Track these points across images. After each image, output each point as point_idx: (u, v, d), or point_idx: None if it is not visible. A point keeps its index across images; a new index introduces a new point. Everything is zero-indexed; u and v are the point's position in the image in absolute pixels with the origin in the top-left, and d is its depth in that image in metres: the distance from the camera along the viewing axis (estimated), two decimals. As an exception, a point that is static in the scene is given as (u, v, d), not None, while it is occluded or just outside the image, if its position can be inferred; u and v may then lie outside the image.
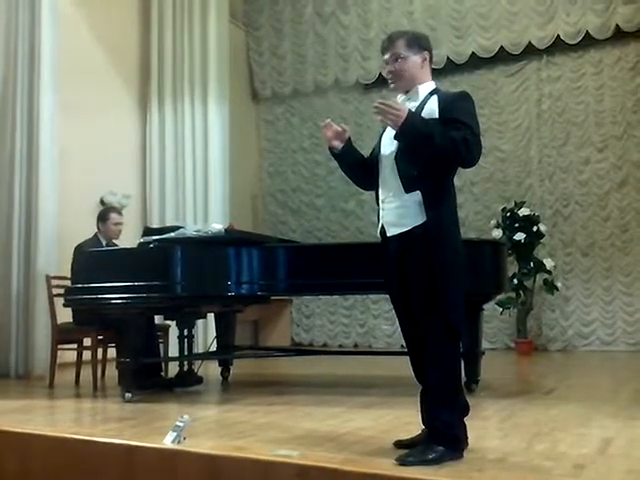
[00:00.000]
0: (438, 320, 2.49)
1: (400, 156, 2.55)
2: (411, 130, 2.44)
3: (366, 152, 2.84)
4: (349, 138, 2.74)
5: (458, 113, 2.50)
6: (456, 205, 2.62)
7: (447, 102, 2.55)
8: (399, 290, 2.62)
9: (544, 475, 2.27)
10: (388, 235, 2.61)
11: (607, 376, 5.48)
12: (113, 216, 5.08)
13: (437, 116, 2.52)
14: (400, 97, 2.71)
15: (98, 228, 5.07)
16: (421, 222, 2.51)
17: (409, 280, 2.55)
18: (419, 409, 2.65)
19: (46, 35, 5.62)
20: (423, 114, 2.54)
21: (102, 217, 5.08)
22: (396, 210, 2.57)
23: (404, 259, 2.56)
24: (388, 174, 2.60)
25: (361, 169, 2.78)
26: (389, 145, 2.62)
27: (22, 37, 5.62)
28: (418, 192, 2.51)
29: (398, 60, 2.63)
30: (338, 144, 2.72)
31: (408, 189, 2.53)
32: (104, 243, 5.01)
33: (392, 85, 2.68)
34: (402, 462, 2.36)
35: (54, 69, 5.67)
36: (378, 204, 2.69)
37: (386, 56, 2.67)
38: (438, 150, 2.45)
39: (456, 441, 2.49)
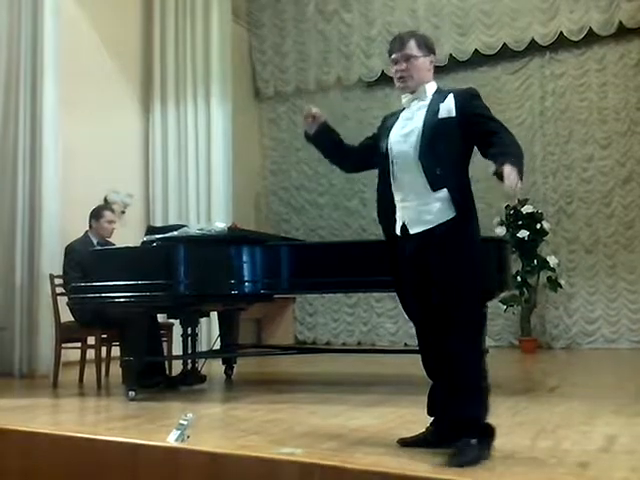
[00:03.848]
0: (468, 313, 2.51)
1: (424, 155, 2.56)
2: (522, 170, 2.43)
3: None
4: (324, 122, 2.82)
5: (479, 110, 2.59)
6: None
7: (464, 101, 2.60)
8: (417, 287, 2.60)
9: (548, 472, 2.26)
10: (411, 233, 2.59)
11: (611, 373, 5.47)
12: (107, 214, 5.08)
13: (454, 114, 2.57)
14: (405, 97, 2.72)
15: (90, 226, 5.06)
16: (447, 219, 2.52)
17: (433, 276, 2.53)
18: (427, 405, 2.68)
19: (48, 34, 5.63)
20: (441, 112, 2.58)
21: (96, 215, 5.07)
22: (420, 208, 2.57)
23: (427, 256, 2.54)
24: (409, 173, 2.59)
25: (339, 151, 2.89)
26: (405, 144, 2.61)
27: (25, 36, 5.63)
28: (444, 189, 2.53)
29: (410, 60, 2.65)
30: (312, 128, 2.81)
31: (435, 187, 2.54)
32: (95, 242, 4.97)
33: (401, 85, 2.69)
34: (455, 465, 2.31)
35: (56, 68, 5.68)
36: (390, 203, 2.67)
37: (395, 55, 2.69)
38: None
39: (491, 430, 2.49)
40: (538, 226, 7.05)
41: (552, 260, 7.05)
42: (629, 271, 7.23)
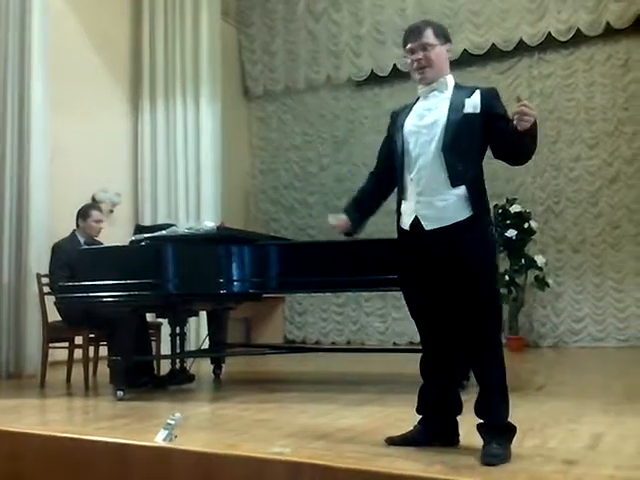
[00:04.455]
0: (492, 309, 2.52)
1: (447, 149, 2.52)
2: (536, 130, 2.43)
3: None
4: (348, 215, 2.82)
5: (502, 110, 2.59)
6: None
7: (488, 99, 2.60)
8: (425, 285, 2.57)
9: (535, 470, 2.28)
10: (427, 229, 2.54)
11: (598, 372, 5.51)
12: (94, 213, 5.04)
13: (479, 110, 2.55)
14: (422, 88, 2.66)
15: (77, 225, 5.03)
16: (466, 216, 2.50)
17: (449, 275, 2.50)
18: (417, 403, 2.70)
19: (36, 32, 5.59)
20: (466, 108, 2.55)
21: (83, 214, 5.03)
22: (437, 204, 2.52)
23: (441, 253, 2.50)
24: (428, 166, 2.54)
25: (379, 200, 2.86)
26: (426, 136, 2.56)
27: (12, 34, 5.57)
28: (463, 186, 2.51)
29: (427, 49, 2.59)
30: (348, 229, 2.83)
31: (454, 183, 2.51)
32: (82, 241, 4.93)
33: (419, 76, 2.62)
34: (489, 463, 2.32)
35: (45, 67, 5.64)
36: (403, 197, 2.63)
37: (411, 45, 2.62)
38: (534, 146, 2.50)
39: (514, 428, 2.50)
40: (526, 225, 7.09)
41: (540, 259, 7.09)
42: (616, 270, 7.28)
